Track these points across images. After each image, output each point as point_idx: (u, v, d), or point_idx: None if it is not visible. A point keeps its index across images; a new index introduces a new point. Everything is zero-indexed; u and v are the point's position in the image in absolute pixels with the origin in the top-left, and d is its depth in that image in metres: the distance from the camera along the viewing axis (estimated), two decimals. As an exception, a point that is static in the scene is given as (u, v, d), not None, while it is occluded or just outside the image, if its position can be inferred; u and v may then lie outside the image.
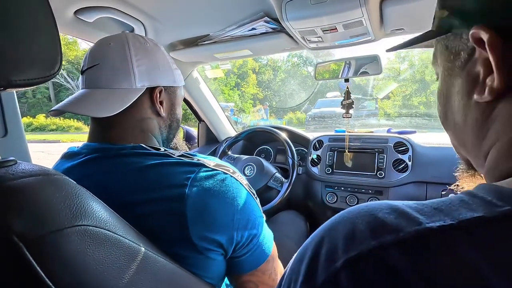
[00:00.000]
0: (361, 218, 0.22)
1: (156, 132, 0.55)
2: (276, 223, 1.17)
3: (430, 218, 0.20)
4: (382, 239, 0.19)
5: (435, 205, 0.21)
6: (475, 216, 0.19)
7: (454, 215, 0.19)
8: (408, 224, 0.19)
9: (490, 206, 0.19)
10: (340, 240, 0.21)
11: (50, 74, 0.32)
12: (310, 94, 17.02)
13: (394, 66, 18.63)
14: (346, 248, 0.20)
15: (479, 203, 0.20)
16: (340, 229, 0.22)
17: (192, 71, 1.34)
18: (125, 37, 0.53)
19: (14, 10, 0.29)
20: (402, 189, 1.10)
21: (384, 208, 0.22)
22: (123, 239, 0.34)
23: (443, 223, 0.19)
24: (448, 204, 0.21)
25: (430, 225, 0.19)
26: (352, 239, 0.20)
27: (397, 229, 0.19)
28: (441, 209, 0.20)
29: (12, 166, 0.33)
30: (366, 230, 0.20)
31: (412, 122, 12.22)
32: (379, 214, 0.21)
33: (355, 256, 0.19)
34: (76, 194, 0.33)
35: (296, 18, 0.75)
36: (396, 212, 0.21)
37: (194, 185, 0.43)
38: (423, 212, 0.20)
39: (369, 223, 0.21)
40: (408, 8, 0.72)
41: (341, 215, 0.24)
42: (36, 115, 14.71)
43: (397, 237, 0.19)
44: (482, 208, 0.19)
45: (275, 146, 1.55)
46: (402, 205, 0.22)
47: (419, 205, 0.21)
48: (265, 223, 0.53)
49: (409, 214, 0.20)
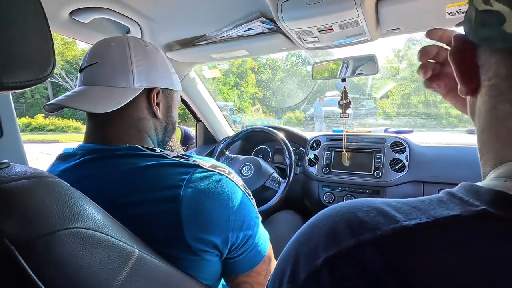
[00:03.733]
0: (341, 216, 0.22)
1: (151, 133, 0.55)
2: (274, 223, 1.17)
3: (407, 216, 0.20)
4: (361, 237, 0.20)
5: (414, 203, 0.21)
6: (451, 214, 0.19)
7: (430, 213, 0.20)
8: (386, 222, 0.20)
9: (467, 205, 0.20)
10: (321, 237, 0.22)
11: (43, 76, 0.32)
12: (308, 93, 17.02)
13: (393, 65, 18.64)
14: (326, 247, 0.21)
15: (457, 202, 0.20)
16: (322, 227, 0.22)
17: (189, 71, 1.34)
18: (126, 39, 0.54)
19: (5, 12, 0.29)
20: (399, 189, 1.10)
21: (364, 206, 0.22)
22: (116, 241, 0.34)
23: (419, 221, 0.19)
24: (426, 203, 0.21)
25: (406, 223, 0.19)
26: (333, 238, 0.21)
27: (375, 227, 0.20)
28: (419, 207, 0.21)
29: (5, 168, 0.33)
30: (345, 228, 0.21)
31: (410, 122, 12.24)
32: (359, 213, 0.21)
33: (334, 255, 0.20)
34: (69, 197, 0.33)
35: (292, 18, 0.75)
36: (376, 211, 0.21)
37: (189, 186, 0.43)
38: (401, 211, 0.21)
39: (349, 222, 0.21)
40: (404, 8, 0.72)
41: (324, 212, 0.24)
42: (35, 115, 14.67)
43: (374, 235, 0.19)
44: (459, 207, 0.20)
45: (272, 146, 1.55)
46: (382, 204, 0.22)
47: (399, 204, 0.22)
48: (261, 224, 0.54)
49: (388, 213, 0.21)
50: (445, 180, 1.04)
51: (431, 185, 1.06)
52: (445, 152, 1.10)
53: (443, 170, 1.05)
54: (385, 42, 34.06)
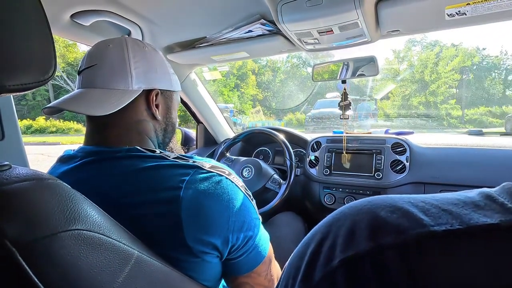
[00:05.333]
0: (362, 215, 0.21)
1: (151, 135, 0.56)
2: (274, 224, 1.16)
3: (436, 220, 0.18)
4: (381, 241, 0.18)
5: (445, 205, 0.19)
6: (488, 222, 0.17)
7: (463, 219, 0.17)
8: (411, 226, 0.18)
9: (509, 213, 0.17)
10: (339, 237, 0.20)
11: (44, 78, 0.32)
12: (309, 95, 17.03)
13: (393, 66, 18.66)
14: (344, 247, 0.19)
15: (497, 208, 0.18)
16: (340, 226, 0.21)
17: (190, 73, 1.34)
18: (124, 40, 0.53)
19: (6, 14, 0.29)
20: (400, 190, 1.10)
21: (387, 205, 0.20)
22: (117, 243, 0.34)
23: (449, 227, 0.17)
24: (460, 206, 0.19)
25: (434, 228, 0.17)
26: (351, 238, 0.19)
27: (398, 230, 0.18)
28: (451, 211, 0.18)
29: (7, 170, 0.33)
30: (365, 229, 0.19)
31: (411, 123, 12.23)
32: (381, 213, 0.20)
33: (351, 256, 0.19)
34: (70, 198, 0.33)
35: (292, 20, 0.76)
36: (400, 211, 0.19)
37: (189, 187, 0.43)
38: (429, 213, 0.18)
39: (369, 222, 0.20)
40: (403, 10, 0.72)
41: (342, 211, 0.23)
42: (36, 117, 14.72)
43: (397, 239, 0.18)
44: (499, 215, 0.17)
45: (273, 148, 1.55)
46: (408, 204, 0.20)
47: (427, 204, 0.19)
48: (261, 225, 0.53)
49: (413, 215, 0.19)
50: (446, 181, 1.04)
51: (432, 186, 1.06)
52: (446, 153, 1.10)
53: (444, 171, 1.05)
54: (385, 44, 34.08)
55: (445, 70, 16.46)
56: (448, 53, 17.10)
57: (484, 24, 0.76)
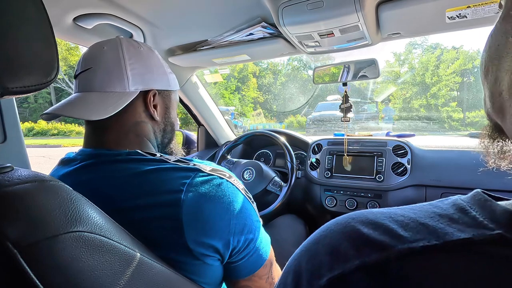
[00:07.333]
0: (346, 233, 0.21)
1: (150, 137, 0.55)
2: (275, 227, 1.16)
3: (414, 236, 0.19)
4: (366, 258, 0.19)
5: (422, 218, 0.20)
6: (462, 237, 0.18)
7: (439, 234, 0.18)
8: (392, 242, 0.19)
9: (480, 227, 0.18)
10: (325, 256, 0.21)
11: (47, 80, 0.33)
12: (310, 97, 17.05)
13: (394, 69, 18.68)
14: (330, 266, 0.20)
15: (469, 222, 0.19)
16: (326, 245, 0.22)
17: (191, 76, 1.35)
18: (119, 41, 0.53)
19: (9, 17, 0.29)
20: (401, 193, 1.10)
21: (370, 222, 0.21)
22: (118, 245, 0.34)
23: (427, 243, 0.18)
24: (436, 219, 0.20)
25: (413, 245, 0.18)
26: (337, 256, 0.20)
27: (381, 247, 0.19)
28: (427, 224, 0.19)
29: (9, 172, 0.33)
30: (350, 247, 0.20)
31: (412, 126, 12.22)
32: (364, 230, 0.21)
33: (338, 275, 0.19)
34: (72, 200, 0.33)
35: (293, 23, 0.76)
36: (381, 228, 0.20)
37: (190, 190, 0.43)
38: (408, 228, 0.20)
39: (354, 240, 0.21)
40: (404, 13, 0.72)
41: (329, 227, 0.23)
42: (38, 120, 14.77)
43: (380, 256, 0.19)
44: (471, 229, 0.18)
45: (274, 150, 1.55)
46: (389, 220, 0.21)
47: (405, 218, 0.21)
48: (262, 228, 0.53)
49: (394, 231, 0.20)
50: (448, 184, 1.03)
51: (434, 188, 1.06)
52: (447, 155, 1.10)
53: (445, 173, 1.05)
54: (386, 46, 34.11)
55: (446, 73, 16.47)
56: (449, 56, 17.12)
57: (485, 27, 0.76)
